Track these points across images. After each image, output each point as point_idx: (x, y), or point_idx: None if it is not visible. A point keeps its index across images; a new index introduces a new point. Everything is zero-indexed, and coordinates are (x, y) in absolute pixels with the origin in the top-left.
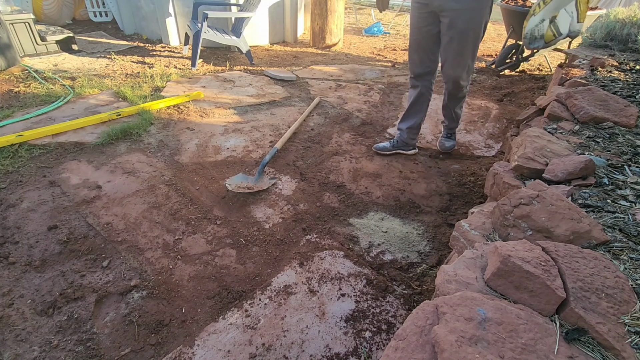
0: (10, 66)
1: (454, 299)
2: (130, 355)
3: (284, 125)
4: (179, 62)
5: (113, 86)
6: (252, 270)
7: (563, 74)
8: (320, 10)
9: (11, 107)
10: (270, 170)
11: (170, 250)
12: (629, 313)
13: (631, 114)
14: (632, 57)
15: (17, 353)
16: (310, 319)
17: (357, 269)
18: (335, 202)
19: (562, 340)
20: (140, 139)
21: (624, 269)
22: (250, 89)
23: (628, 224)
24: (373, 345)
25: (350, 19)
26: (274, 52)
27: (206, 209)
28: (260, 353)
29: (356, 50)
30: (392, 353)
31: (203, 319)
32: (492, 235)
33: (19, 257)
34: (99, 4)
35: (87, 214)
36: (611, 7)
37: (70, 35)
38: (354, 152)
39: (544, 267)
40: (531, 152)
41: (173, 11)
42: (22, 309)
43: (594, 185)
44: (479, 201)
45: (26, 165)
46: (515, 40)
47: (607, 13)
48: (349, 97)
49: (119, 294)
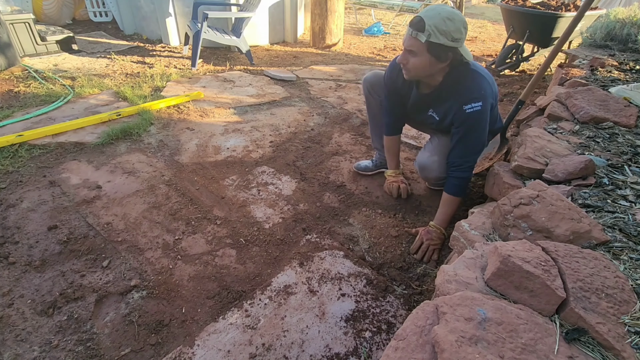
0: (11, 66)
1: (454, 299)
2: (130, 355)
3: (284, 125)
4: (179, 62)
5: (113, 86)
6: (252, 270)
7: (563, 74)
8: (320, 10)
9: (11, 107)
10: (270, 170)
11: (170, 250)
12: (629, 313)
13: (631, 114)
14: (632, 57)
15: (17, 353)
16: (310, 319)
17: (357, 269)
18: (335, 202)
19: (562, 340)
20: (140, 139)
21: (624, 269)
22: (250, 89)
23: (628, 224)
24: (373, 345)
25: (350, 19)
26: (274, 52)
27: (206, 209)
28: (260, 353)
29: (356, 50)
30: (392, 353)
31: (203, 319)
32: (492, 235)
33: (19, 257)
34: (99, 4)
35: (87, 214)
36: (611, 7)
37: (70, 35)
38: (354, 152)
39: (544, 267)
40: (531, 152)
41: (173, 11)
42: (22, 309)
43: (594, 185)
44: (479, 201)
45: (26, 165)
46: (515, 40)
47: (607, 13)
48: (349, 97)
49: (119, 294)
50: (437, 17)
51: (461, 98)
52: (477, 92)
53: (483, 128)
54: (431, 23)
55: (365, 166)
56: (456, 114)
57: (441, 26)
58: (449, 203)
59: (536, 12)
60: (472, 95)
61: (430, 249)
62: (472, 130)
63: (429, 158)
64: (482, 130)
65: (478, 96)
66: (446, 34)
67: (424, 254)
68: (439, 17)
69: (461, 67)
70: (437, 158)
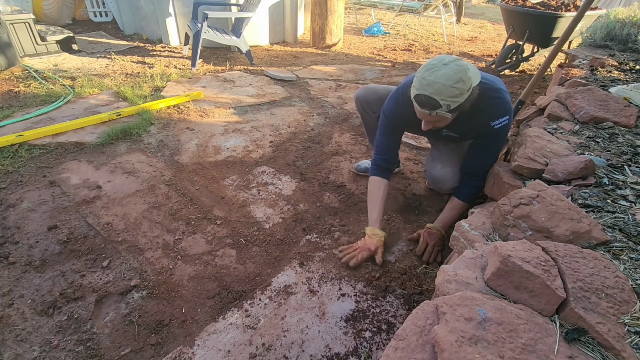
0: (11, 66)
1: (454, 299)
2: (130, 355)
3: (284, 125)
4: (179, 62)
5: (113, 86)
6: (252, 270)
7: (563, 74)
8: (320, 10)
9: (11, 107)
10: (270, 170)
11: (170, 250)
12: (629, 313)
13: (631, 114)
14: (632, 57)
15: (17, 353)
16: (310, 319)
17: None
18: (335, 202)
19: (562, 340)
20: (140, 139)
21: (624, 269)
22: (250, 89)
23: (628, 224)
24: (373, 345)
25: (350, 19)
26: (274, 52)
27: (206, 209)
28: (261, 353)
29: (356, 50)
30: (392, 353)
31: (203, 319)
32: (492, 235)
33: (19, 257)
34: (99, 4)
35: (87, 214)
36: (611, 7)
37: (70, 35)
38: (354, 152)
39: (544, 267)
40: (531, 152)
41: (173, 11)
42: (22, 309)
43: (594, 185)
44: (479, 201)
45: (26, 165)
46: (515, 40)
47: (607, 13)
48: (349, 97)
49: (119, 294)
50: (444, 88)
51: (488, 117)
52: (503, 107)
53: (505, 139)
54: (443, 97)
55: (366, 167)
56: (483, 131)
57: (454, 93)
58: (457, 208)
59: (536, 12)
60: (499, 111)
61: (435, 250)
62: (496, 143)
63: (442, 170)
64: (504, 140)
65: (504, 112)
66: (461, 95)
67: (430, 255)
68: (447, 86)
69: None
70: (450, 169)
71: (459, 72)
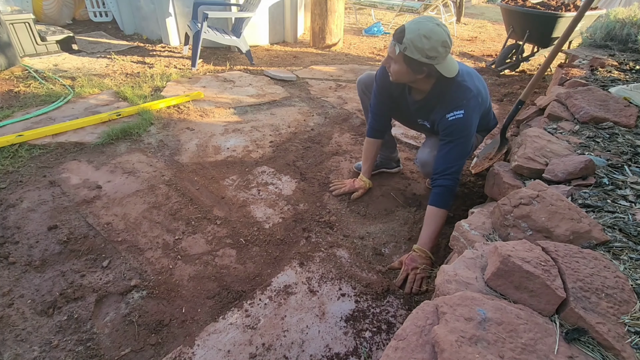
0: (11, 66)
1: (454, 299)
2: (130, 355)
3: (284, 125)
4: (179, 62)
5: (113, 86)
6: (252, 270)
7: (563, 74)
8: (320, 10)
9: (11, 107)
10: (270, 170)
11: (170, 250)
12: (629, 313)
13: (631, 114)
14: (632, 57)
15: (17, 353)
16: (310, 319)
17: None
18: (335, 202)
19: (562, 340)
20: (140, 139)
21: (624, 269)
22: (250, 89)
23: (628, 224)
24: (373, 345)
25: (350, 19)
26: (274, 52)
27: (206, 209)
28: (261, 353)
29: (356, 50)
30: (392, 353)
31: (203, 319)
32: (492, 235)
33: (19, 257)
34: (99, 4)
35: (87, 214)
36: (611, 7)
37: (70, 35)
38: (354, 152)
39: (544, 267)
40: (531, 152)
41: (173, 11)
42: (22, 309)
43: (594, 185)
44: (479, 201)
45: (26, 165)
46: (515, 40)
47: (607, 13)
48: (349, 97)
49: (119, 294)
50: (416, 32)
51: (445, 108)
52: (459, 101)
53: (466, 136)
54: (409, 37)
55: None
56: (440, 122)
57: (417, 42)
58: (434, 217)
59: (536, 12)
60: (455, 104)
61: (418, 278)
62: (455, 137)
63: (430, 154)
64: (466, 137)
65: (460, 105)
66: (421, 51)
67: (412, 285)
68: (418, 32)
69: (448, 79)
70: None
71: (434, 34)
